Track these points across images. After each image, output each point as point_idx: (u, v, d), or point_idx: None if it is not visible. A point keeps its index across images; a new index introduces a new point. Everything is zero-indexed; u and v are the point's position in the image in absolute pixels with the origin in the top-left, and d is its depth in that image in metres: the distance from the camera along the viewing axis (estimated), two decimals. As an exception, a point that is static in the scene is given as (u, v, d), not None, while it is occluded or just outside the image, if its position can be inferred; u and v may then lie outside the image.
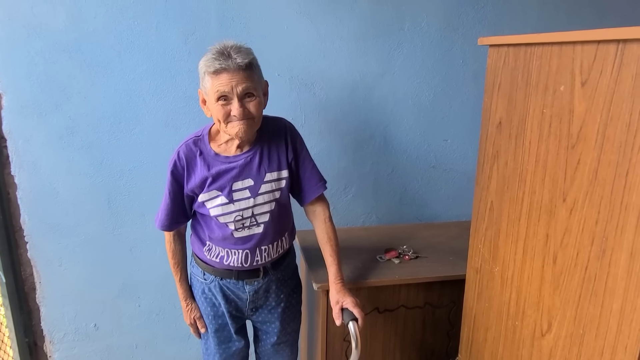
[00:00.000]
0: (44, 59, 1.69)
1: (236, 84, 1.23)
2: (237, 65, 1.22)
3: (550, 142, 0.95)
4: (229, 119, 1.27)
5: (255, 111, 1.28)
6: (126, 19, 1.70)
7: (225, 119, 1.27)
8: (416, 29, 1.87)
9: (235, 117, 1.26)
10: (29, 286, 1.95)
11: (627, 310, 0.78)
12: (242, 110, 1.25)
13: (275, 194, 1.41)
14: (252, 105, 1.27)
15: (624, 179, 0.77)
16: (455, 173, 2.08)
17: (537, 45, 0.98)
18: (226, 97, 1.25)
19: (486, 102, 1.20)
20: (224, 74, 1.22)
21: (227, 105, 1.25)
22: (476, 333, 1.34)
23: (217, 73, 1.22)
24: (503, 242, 1.16)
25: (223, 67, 1.21)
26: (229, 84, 1.22)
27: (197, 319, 1.55)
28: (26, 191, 1.82)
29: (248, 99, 1.27)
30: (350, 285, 1.49)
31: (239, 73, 1.23)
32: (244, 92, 1.25)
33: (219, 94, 1.24)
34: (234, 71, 1.22)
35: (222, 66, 1.21)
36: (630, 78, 0.75)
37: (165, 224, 1.43)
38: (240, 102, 1.25)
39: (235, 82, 1.23)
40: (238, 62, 1.22)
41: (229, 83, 1.22)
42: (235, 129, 1.28)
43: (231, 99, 1.25)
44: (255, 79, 1.27)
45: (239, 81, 1.23)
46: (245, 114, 1.26)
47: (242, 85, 1.23)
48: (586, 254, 0.87)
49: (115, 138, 1.81)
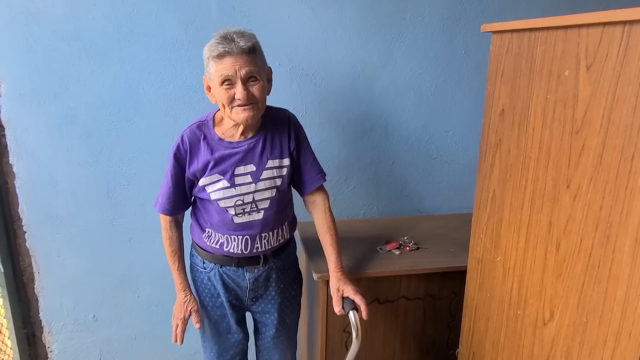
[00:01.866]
0: (42, 46, 1.67)
1: (240, 67, 1.23)
2: (241, 48, 1.23)
3: (554, 128, 0.94)
4: (233, 103, 1.27)
5: (259, 95, 1.29)
6: (126, 7, 1.68)
7: (230, 103, 1.27)
8: (418, 19, 1.86)
9: (239, 101, 1.26)
10: (28, 276, 1.94)
11: (632, 297, 0.78)
12: (246, 93, 1.25)
13: (276, 180, 1.41)
14: (255, 88, 1.28)
15: (629, 164, 0.76)
16: (456, 165, 2.07)
17: (541, 30, 0.97)
18: (230, 81, 1.25)
19: (489, 89, 1.19)
20: (228, 58, 1.23)
21: (230, 89, 1.26)
22: (477, 323, 1.33)
23: (220, 57, 1.23)
24: (505, 231, 1.15)
25: (226, 51, 1.22)
26: (233, 67, 1.23)
27: (194, 312, 1.51)
28: (25, 180, 1.81)
29: (252, 82, 1.27)
30: (351, 276, 1.48)
31: (242, 56, 1.24)
32: (247, 75, 1.25)
33: (222, 77, 1.24)
34: (238, 55, 1.23)
35: (225, 50, 1.22)
36: (637, 60, 0.73)
37: (167, 207, 1.42)
38: (244, 86, 1.25)
39: (238, 66, 1.23)
40: (241, 45, 1.22)
41: (233, 66, 1.23)
42: (240, 115, 1.28)
43: (235, 83, 1.25)
44: (258, 63, 1.28)
45: (242, 64, 1.24)
46: (249, 97, 1.26)
47: (245, 69, 1.24)
48: (590, 240, 0.86)
49: (114, 127, 1.80)
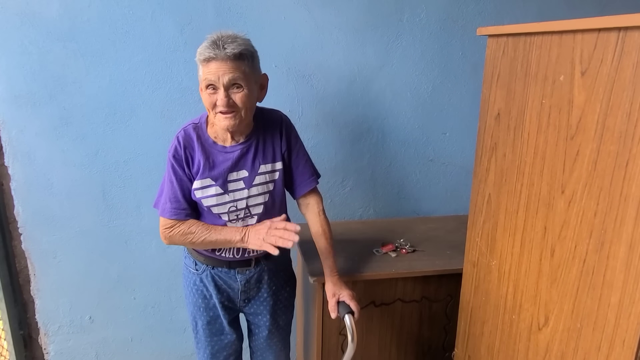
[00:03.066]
0: (37, 48, 1.67)
1: (223, 73, 1.23)
2: (226, 55, 1.21)
3: (549, 133, 0.94)
4: (216, 108, 1.27)
5: (241, 103, 1.26)
6: (121, 8, 1.67)
7: (212, 108, 1.28)
8: (415, 20, 1.85)
9: (220, 107, 1.26)
10: (24, 278, 1.93)
11: (626, 304, 0.77)
12: (227, 100, 1.24)
13: (269, 185, 1.40)
14: (238, 96, 1.26)
15: (623, 170, 0.76)
16: (453, 167, 2.07)
17: (536, 35, 0.97)
18: (213, 86, 1.25)
19: (484, 93, 1.19)
20: (213, 63, 1.22)
21: (214, 94, 1.26)
22: (473, 327, 1.33)
23: (207, 61, 1.23)
24: (500, 235, 1.15)
25: (211, 56, 1.22)
26: (216, 73, 1.23)
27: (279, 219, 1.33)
28: (20, 182, 1.80)
29: (235, 89, 1.26)
30: (347, 279, 1.48)
31: (227, 63, 1.22)
32: (230, 82, 1.24)
33: (206, 82, 1.25)
34: (222, 61, 1.22)
35: (210, 55, 1.21)
36: (631, 66, 0.73)
37: (178, 212, 1.35)
38: (226, 92, 1.24)
39: (222, 72, 1.23)
40: (227, 51, 1.21)
41: (216, 72, 1.23)
42: (222, 122, 1.28)
43: (218, 88, 1.25)
44: (245, 70, 1.25)
45: (225, 71, 1.23)
46: (229, 104, 1.25)
47: (228, 75, 1.23)
48: (584, 246, 0.86)
49: (110, 129, 1.79)
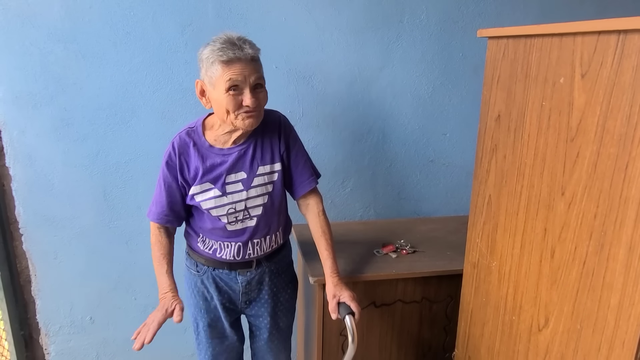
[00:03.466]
0: (38, 49, 1.67)
1: (249, 74, 1.23)
2: (249, 55, 1.23)
3: (550, 135, 0.94)
4: (240, 109, 1.26)
5: (265, 102, 1.31)
6: (122, 9, 1.68)
7: (236, 110, 1.26)
8: (415, 21, 1.85)
9: (248, 107, 1.25)
10: (25, 279, 1.94)
11: (625, 305, 0.78)
12: (254, 100, 1.25)
13: (268, 187, 1.40)
14: (262, 96, 1.29)
15: (623, 172, 0.76)
16: (453, 167, 2.07)
17: (536, 37, 0.97)
18: (237, 87, 1.24)
19: (485, 94, 1.19)
20: (237, 64, 1.22)
21: (238, 96, 1.25)
22: (473, 328, 1.34)
23: (230, 62, 1.22)
24: (501, 237, 1.15)
25: (237, 57, 1.21)
26: (242, 73, 1.22)
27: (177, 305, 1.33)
28: (21, 183, 1.81)
29: (258, 89, 1.28)
30: (347, 280, 1.48)
31: (250, 63, 1.24)
32: (255, 82, 1.26)
33: (231, 82, 1.23)
34: (247, 61, 1.23)
35: (235, 55, 1.21)
36: (631, 69, 0.73)
37: (161, 217, 1.41)
38: (252, 93, 1.25)
39: (247, 72, 1.23)
40: (250, 52, 1.23)
41: (242, 73, 1.22)
42: (245, 121, 1.28)
43: (243, 89, 1.24)
44: (262, 71, 1.29)
45: (251, 71, 1.24)
46: (257, 104, 1.27)
47: (254, 75, 1.24)
48: (584, 248, 0.86)
49: (111, 130, 1.79)
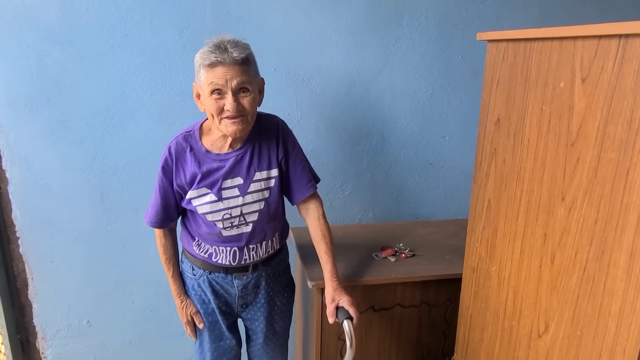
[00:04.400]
0: (35, 51, 1.66)
1: (231, 77, 1.21)
2: (233, 59, 1.21)
3: (550, 139, 0.93)
4: (222, 114, 1.25)
5: (249, 107, 1.26)
6: (119, 12, 1.67)
7: (219, 114, 1.25)
8: (414, 24, 1.85)
9: (229, 112, 1.24)
10: (21, 282, 1.93)
11: (626, 312, 0.77)
12: (236, 105, 1.23)
13: (264, 193, 1.39)
14: (246, 100, 1.25)
15: (624, 178, 0.76)
16: (453, 170, 2.06)
17: (536, 41, 0.96)
18: (220, 91, 1.23)
19: (484, 98, 1.18)
20: (219, 68, 1.21)
21: (220, 100, 1.23)
22: (472, 333, 1.33)
23: (212, 66, 1.21)
24: (500, 241, 1.15)
25: (219, 61, 1.20)
26: (224, 77, 1.21)
27: (194, 315, 1.52)
28: (18, 186, 1.80)
29: (242, 94, 1.25)
30: (346, 284, 1.47)
31: (234, 67, 1.22)
32: (238, 86, 1.23)
33: (212, 86, 1.22)
34: (230, 65, 1.21)
35: (217, 59, 1.20)
36: (632, 74, 0.73)
37: (155, 220, 1.42)
38: (235, 97, 1.23)
39: (230, 76, 1.21)
40: (234, 56, 1.21)
41: (224, 76, 1.21)
42: (229, 128, 1.26)
43: (225, 93, 1.23)
44: (250, 75, 1.26)
45: (233, 75, 1.22)
46: (239, 109, 1.24)
47: (236, 79, 1.22)
48: (585, 254, 0.85)
49: (108, 133, 1.78)
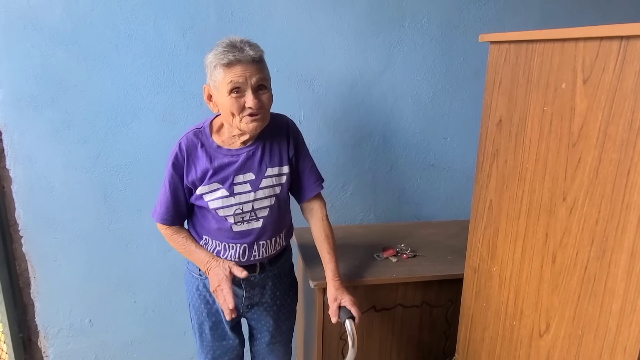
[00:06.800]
0: (40, 51, 1.67)
1: (250, 75, 1.23)
2: (251, 57, 1.23)
3: (551, 140, 0.94)
4: (244, 112, 1.26)
5: (268, 104, 1.30)
6: (124, 12, 1.68)
7: (240, 112, 1.26)
8: (417, 25, 1.86)
9: (250, 109, 1.25)
10: (24, 281, 1.93)
11: (627, 312, 0.77)
12: (257, 101, 1.25)
13: (275, 189, 1.41)
14: (265, 97, 1.28)
15: (625, 178, 0.76)
16: (454, 172, 2.07)
17: (538, 42, 0.97)
18: (239, 89, 1.24)
19: (486, 99, 1.19)
20: (238, 66, 1.22)
21: (240, 98, 1.25)
22: (474, 333, 1.33)
23: (230, 65, 1.22)
24: (502, 241, 1.15)
25: (237, 59, 1.22)
26: (243, 75, 1.23)
27: (232, 266, 1.38)
28: (21, 185, 1.81)
29: (261, 91, 1.28)
30: (347, 284, 1.48)
31: (252, 65, 1.24)
32: (257, 83, 1.25)
33: (232, 85, 1.23)
34: (248, 63, 1.23)
35: (235, 58, 1.22)
36: (633, 75, 0.73)
37: (166, 217, 1.40)
38: (255, 94, 1.25)
39: (249, 74, 1.23)
40: (251, 54, 1.23)
41: (243, 74, 1.23)
42: (249, 125, 1.28)
43: (244, 91, 1.25)
44: (266, 72, 1.29)
45: (252, 73, 1.24)
46: (260, 106, 1.26)
47: (255, 77, 1.24)
48: (586, 253, 0.86)
49: (111, 132, 1.79)
